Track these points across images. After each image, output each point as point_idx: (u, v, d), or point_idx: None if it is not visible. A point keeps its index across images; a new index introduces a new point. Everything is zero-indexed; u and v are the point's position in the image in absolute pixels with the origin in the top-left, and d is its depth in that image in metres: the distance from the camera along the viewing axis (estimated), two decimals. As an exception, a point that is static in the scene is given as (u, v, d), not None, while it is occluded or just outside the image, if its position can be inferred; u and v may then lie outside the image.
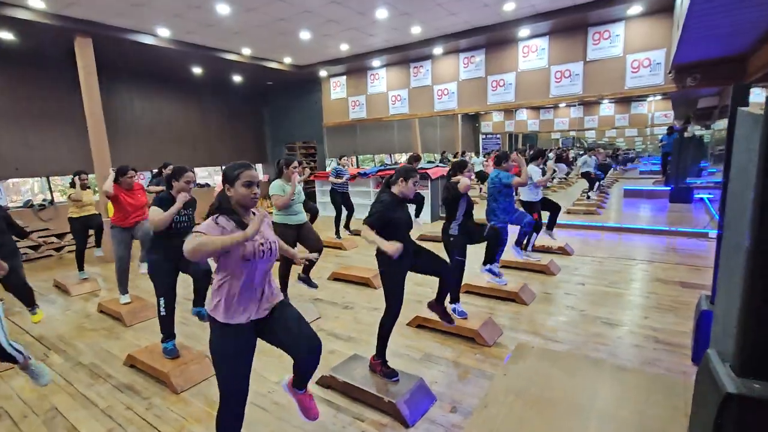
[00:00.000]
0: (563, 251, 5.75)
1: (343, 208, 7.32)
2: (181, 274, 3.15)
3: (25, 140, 7.38)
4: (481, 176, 12.00)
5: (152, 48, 7.19)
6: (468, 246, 3.58)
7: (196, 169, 12.18)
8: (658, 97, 12.65)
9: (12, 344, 2.54)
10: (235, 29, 6.76)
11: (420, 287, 4.64)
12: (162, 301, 3.05)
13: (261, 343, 1.91)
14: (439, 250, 3.22)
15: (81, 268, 5.43)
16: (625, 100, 14.07)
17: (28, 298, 3.86)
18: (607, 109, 14.61)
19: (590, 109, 14.89)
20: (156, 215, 2.86)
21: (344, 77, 10.18)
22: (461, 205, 3.58)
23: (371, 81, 9.77)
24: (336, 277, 5.13)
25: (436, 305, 3.19)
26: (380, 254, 2.54)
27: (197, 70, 9.21)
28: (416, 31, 7.40)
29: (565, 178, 15.06)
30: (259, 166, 12.86)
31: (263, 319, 1.87)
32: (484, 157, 12.24)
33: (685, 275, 4.68)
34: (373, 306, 4.25)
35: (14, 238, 3.93)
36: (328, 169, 10.69)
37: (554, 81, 7.46)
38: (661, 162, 12.90)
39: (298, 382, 2.08)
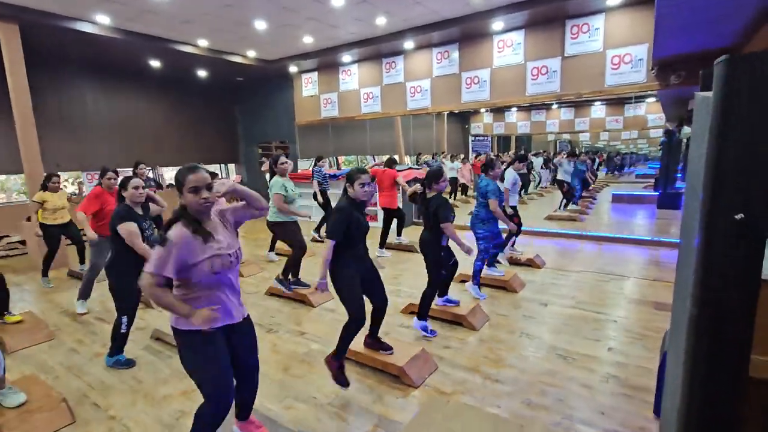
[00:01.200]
0: (532, 263, 5.21)
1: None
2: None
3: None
4: (454, 186, 11.48)
5: (97, 38, 6.62)
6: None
7: (164, 169, 11.62)
8: (653, 99, 12.23)
9: None
10: (181, 17, 6.19)
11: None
12: (125, 320, 3.01)
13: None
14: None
15: (45, 273, 5.13)
16: (617, 102, 13.62)
17: None
18: (598, 111, 14.13)
19: (581, 110, 14.41)
20: (134, 230, 2.88)
21: (315, 73, 9.63)
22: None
23: (343, 77, 9.22)
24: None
25: (370, 340, 2.94)
26: (333, 271, 2.55)
27: (157, 64, 8.64)
28: (381, 22, 6.87)
29: (545, 186, 14.56)
30: (231, 167, 12.31)
31: (231, 326, 1.85)
32: (461, 162, 11.69)
33: (662, 294, 4.14)
34: (292, 331, 3.69)
35: None
36: (303, 171, 10.15)
37: (531, 78, 6.93)
38: (660, 166, 12.41)
39: (241, 413, 2.10)
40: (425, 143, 13.48)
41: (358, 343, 3.07)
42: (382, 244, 6.02)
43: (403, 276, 5.10)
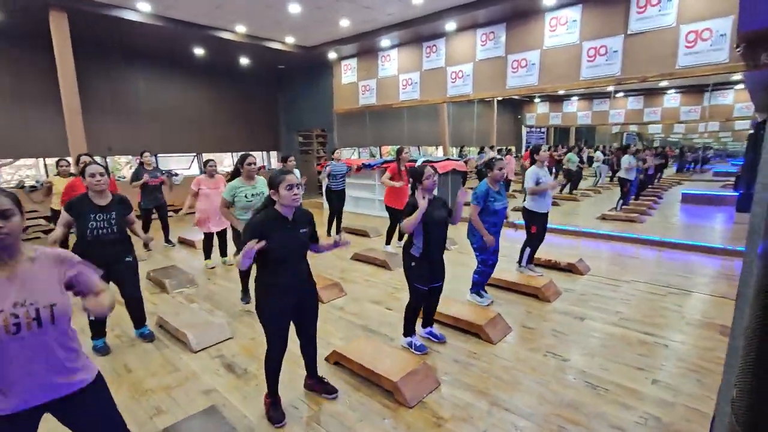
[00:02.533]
0: (573, 269, 4.61)
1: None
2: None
3: (19, 121, 7.33)
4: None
5: (141, 25, 6.80)
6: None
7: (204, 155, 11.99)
8: (742, 86, 10.61)
9: None
10: (213, 2, 6.15)
11: (376, 305, 3.80)
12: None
13: None
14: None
15: None
16: (696, 89, 12.03)
17: None
18: (672, 99, 12.59)
19: (652, 99, 12.92)
20: (61, 219, 2.84)
21: (355, 59, 9.35)
22: (418, 229, 2.75)
23: (382, 63, 8.86)
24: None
25: (309, 380, 2.52)
26: (257, 285, 2.15)
27: (200, 52, 8.81)
28: (419, 0, 6.40)
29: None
30: (273, 154, 12.44)
31: (58, 403, 1.34)
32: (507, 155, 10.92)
33: (732, 316, 3.42)
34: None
35: None
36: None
37: (586, 60, 6.15)
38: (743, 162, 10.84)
39: None
40: (472, 134, 12.78)
41: (353, 349, 2.78)
42: (388, 240, 5.68)
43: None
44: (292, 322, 2.26)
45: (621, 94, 13.05)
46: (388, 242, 5.69)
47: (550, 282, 4.01)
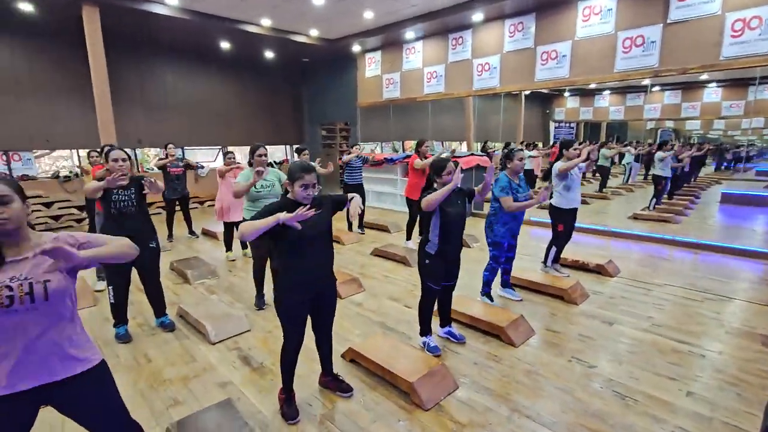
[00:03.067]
0: (603, 270, 4.40)
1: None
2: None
3: (53, 113, 7.61)
4: (530, 179, 10.55)
5: (169, 19, 6.91)
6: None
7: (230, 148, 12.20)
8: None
9: None
10: (238, -6, 6.18)
11: (395, 302, 3.75)
12: (111, 290, 3.05)
13: None
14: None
15: None
16: (740, 83, 11.33)
17: None
18: (713, 94, 11.91)
19: (690, 93, 12.26)
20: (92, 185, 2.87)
21: (379, 52, 9.26)
22: (434, 219, 2.67)
23: (407, 56, 8.73)
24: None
25: (324, 377, 2.49)
26: (276, 276, 2.20)
27: (227, 46, 8.91)
28: (445, -10, 6.24)
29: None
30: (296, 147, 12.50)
31: (56, 387, 1.33)
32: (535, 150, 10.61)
33: (777, 326, 3.20)
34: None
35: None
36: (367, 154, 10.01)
37: (621, 51, 5.85)
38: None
39: None
40: (498, 129, 12.48)
41: (370, 347, 2.73)
42: (409, 236, 5.59)
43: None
44: (309, 316, 2.22)
45: (657, 88, 12.44)
46: (408, 238, 5.61)
47: (577, 283, 3.85)
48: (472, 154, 8.02)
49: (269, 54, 9.86)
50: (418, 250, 2.82)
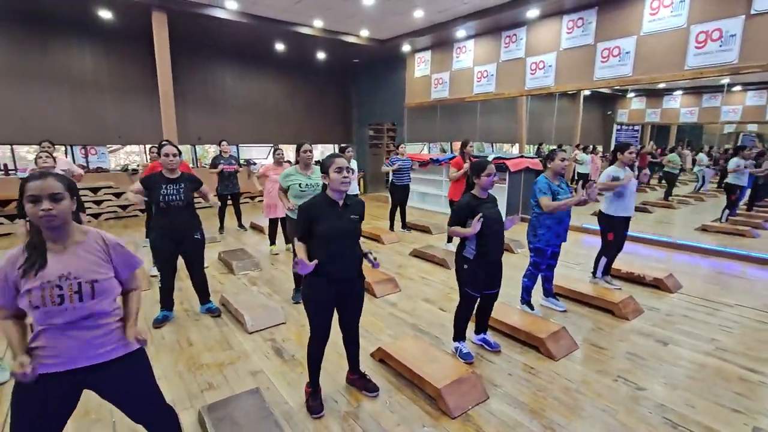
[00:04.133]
0: (660, 285, 4.03)
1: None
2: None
3: (125, 111, 8.29)
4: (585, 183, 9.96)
5: (229, 23, 7.29)
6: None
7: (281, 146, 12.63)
8: None
9: None
10: (292, -3, 6.38)
11: (430, 304, 3.68)
12: (160, 275, 3.28)
13: None
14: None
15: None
16: (841, 83, 9.98)
17: None
18: (807, 95, 10.60)
19: (778, 94, 11.00)
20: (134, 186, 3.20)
21: (429, 52, 9.16)
22: (470, 219, 2.56)
23: (457, 55, 8.56)
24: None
25: (351, 375, 2.48)
26: (305, 276, 2.10)
27: (281, 47, 9.24)
28: (499, -14, 6.03)
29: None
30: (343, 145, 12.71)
31: (97, 370, 1.41)
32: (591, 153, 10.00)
33: None
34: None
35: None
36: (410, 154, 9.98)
37: (694, 46, 5.33)
38: None
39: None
40: (552, 131, 11.90)
41: (399, 348, 2.69)
42: (450, 238, 5.47)
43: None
44: (336, 313, 2.22)
45: (738, 88, 11.26)
46: (449, 240, 5.49)
47: (629, 297, 3.55)
48: (522, 157, 7.70)
49: (320, 55, 10.10)
50: (455, 254, 2.73)
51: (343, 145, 6.06)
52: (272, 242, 5.39)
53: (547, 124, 11.89)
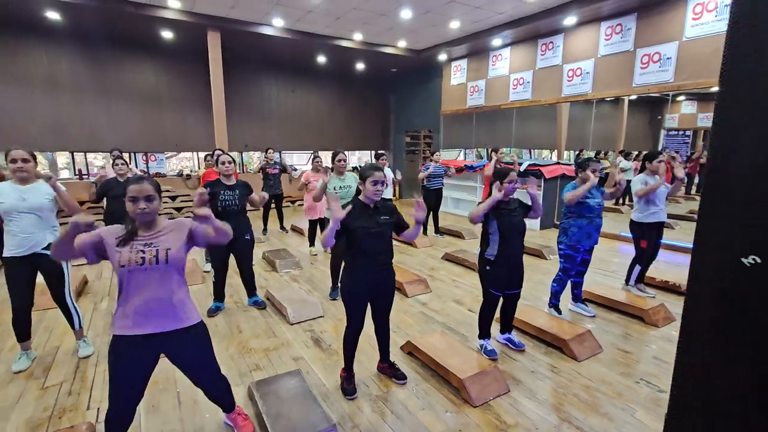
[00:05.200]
0: (697, 295, 3.97)
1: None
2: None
3: (181, 121, 9.05)
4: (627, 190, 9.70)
5: (274, 39, 7.82)
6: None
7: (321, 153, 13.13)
8: None
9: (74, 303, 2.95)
10: (334, 14, 6.77)
11: (459, 305, 3.85)
12: (213, 271, 3.71)
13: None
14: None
15: None
16: None
17: None
18: None
19: None
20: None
21: (465, 60, 9.32)
22: (491, 222, 2.76)
23: (493, 63, 8.67)
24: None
25: (381, 363, 2.72)
26: (343, 266, 2.45)
27: (322, 60, 9.72)
28: (534, -4, 6.13)
29: None
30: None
31: (168, 337, 1.74)
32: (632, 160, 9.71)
33: None
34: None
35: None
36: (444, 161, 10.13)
37: (740, 50, 5.17)
38: None
39: (221, 407, 2.13)
40: (594, 137, 11.63)
41: (427, 342, 2.89)
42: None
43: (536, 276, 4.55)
44: (369, 305, 2.47)
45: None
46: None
47: (660, 305, 3.55)
48: (558, 163, 7.66)
49: (359, 66, 10.50)
50: (478, 257, 2.91)
51: (379, 152, 6.33)
52: (311, 243, 5.74)
53: (588, 130, 11.65)
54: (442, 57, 9.45)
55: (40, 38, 7.42)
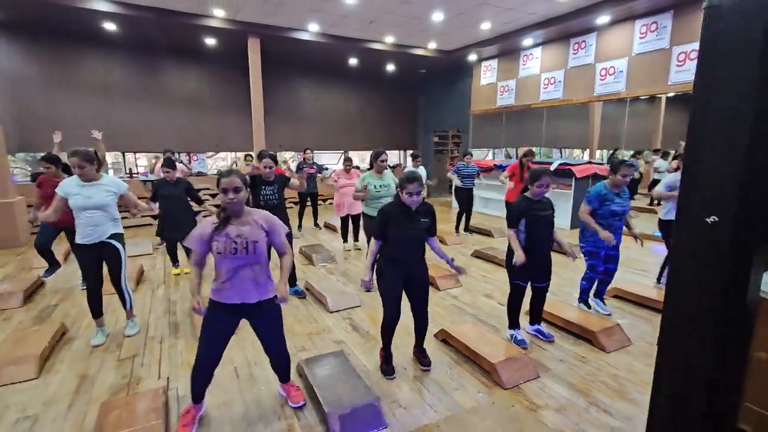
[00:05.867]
0: (731, 294, 3.96)
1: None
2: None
3: (221, 123, 9.55)
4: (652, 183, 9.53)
5: (312, 43, 8.16)
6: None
7: (351, 152, 13.39)
8: None
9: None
10: (368, 18, 7.01)
11: (489, 299, 4.01)
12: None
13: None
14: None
15: None
16: None
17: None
18: None
19: None
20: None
21: (495, 60, 9.38)
22: (521, 221, 2.89)
23: (523, 63, 8.70)
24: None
25: (415, 349, 2.90)
26: (379, 260, 2.64)
27: (354, 62, 10.02)
28: (566, -3, 6.17)
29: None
30: (409, 152, 13.24)
31: (249, 307, 2.10)
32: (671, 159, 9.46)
33: None
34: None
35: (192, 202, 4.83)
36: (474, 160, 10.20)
37: (782, 47, 5.06)
38: None
39: (279, 377, 2.42)
40: (628, 136, 11.39)
41: (459, 331, 3.07)
42: None
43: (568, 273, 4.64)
44: (406, 297, 2.66)
45: None
46: None
47: (692, 302, 3.58)
48: (590, 163, 7.63)
49: (389, 67, 10.74)
50: (506, 251, 3.02)
51: (414, 153, 6.55)
52: (344, 240, 5.99)
53: (622, 129, 11.42)
54: (472, 57, 9.54)
55: (98, 48, 8.05)
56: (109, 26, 7.19)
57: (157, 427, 2.08)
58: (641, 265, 5.12)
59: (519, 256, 2.76)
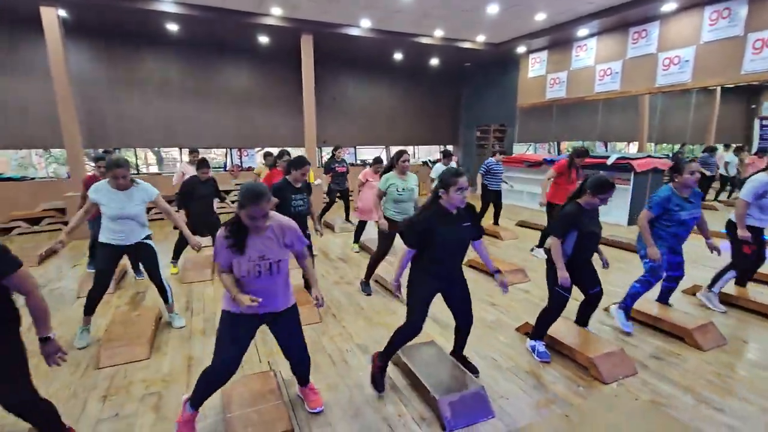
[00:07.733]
0: (826, 294, 3.76)
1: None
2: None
3: (270, 118, 9.78)
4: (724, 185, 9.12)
5: (361, 39, 8.20)
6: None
7: (391, 148, 13.39)
8: None
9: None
10: (422, 12, 6.99)
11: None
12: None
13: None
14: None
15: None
16: None
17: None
18: None
19: None
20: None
21: (545, 52, 9.16)
22: (571, 234, 2.64)
23: (576, 54, 8.46)
24: (470, 265, 4.86)
25: (453, 353, 2.71)
26: (413, 266, 2.38)
27: (398, 56, 10.01)
28: (632, -16, 5.95)
29: None
30: (449, 148, 13.14)
31: (274, 315, 2.09)
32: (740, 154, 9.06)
33: None
34: (483, 300, 3.88)
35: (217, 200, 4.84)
36: (517, 155, 10.00)
37: None
38: None
39: (298, 380, 2.36)
40: (681, 129, 10.89)
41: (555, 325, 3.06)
42: (540, 243, 5.27)
43: (615, 273, 4.53)
44: (447, 306, 2.51)
45: None
46: (540, 244, 5.27)
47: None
48: (650, 156, 7.36)
49: (433, 61, 10.66)
50: (546, 261, 2.79)
51: (446, 150, 6.34)
52: (356, 240, 5.81)
53: (674, 121, 10.95)
54: (521, 49, 9.35)
55: (156, 48, 8.39)
56: (171, 27, 7.47)
57: (281, 406, 2.19)
58: (715, 262, 4.91)
59: (563, 277, 2.57)
